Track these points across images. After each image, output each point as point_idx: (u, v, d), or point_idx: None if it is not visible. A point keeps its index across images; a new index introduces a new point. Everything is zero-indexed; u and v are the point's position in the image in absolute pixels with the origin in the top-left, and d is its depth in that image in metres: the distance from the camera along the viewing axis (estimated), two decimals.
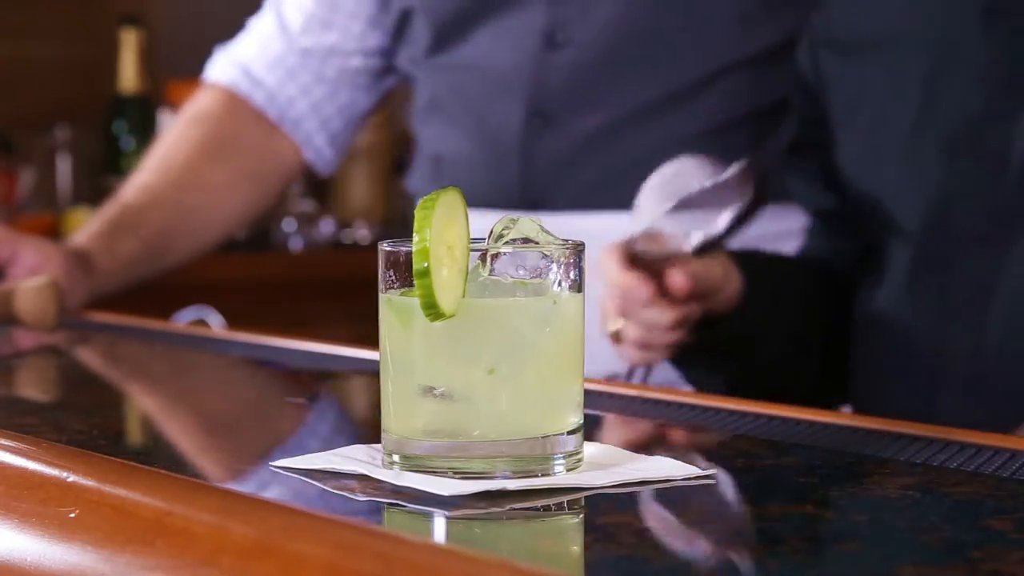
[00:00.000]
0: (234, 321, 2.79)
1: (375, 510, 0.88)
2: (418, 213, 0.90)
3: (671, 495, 0.91)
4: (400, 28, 1.90)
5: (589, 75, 1.76)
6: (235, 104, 1.97)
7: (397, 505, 0.88)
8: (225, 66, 1.98)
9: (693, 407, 1.19)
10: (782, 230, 1.69)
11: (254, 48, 1.98)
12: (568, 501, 0.89)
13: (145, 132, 3.12)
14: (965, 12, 1.38)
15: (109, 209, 1.91)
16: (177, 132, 1.97)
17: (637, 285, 1.39)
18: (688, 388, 1.55)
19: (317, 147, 1.98)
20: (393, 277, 0.93)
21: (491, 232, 0.93)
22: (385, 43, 1.94)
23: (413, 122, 1.95)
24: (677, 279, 1.39)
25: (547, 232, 0.94)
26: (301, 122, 1.97)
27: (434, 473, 0.91)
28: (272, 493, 0.91)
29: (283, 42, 1.96)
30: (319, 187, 3.28)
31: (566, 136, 1.76)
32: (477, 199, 1.78)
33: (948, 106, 1.38)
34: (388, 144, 3.36)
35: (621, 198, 1.68)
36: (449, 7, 1.83)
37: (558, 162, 1.76)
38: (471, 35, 1.82)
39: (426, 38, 1.85)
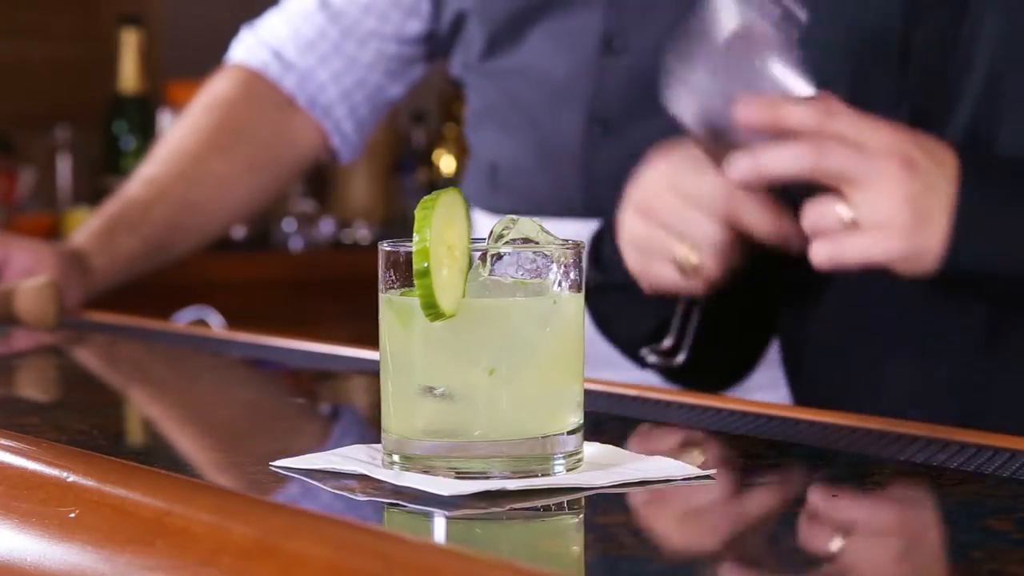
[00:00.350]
0: (234, 321, 2.79)
1: (375, 510, 0.88)
2: (418, 213, 0.90)
3: (671, 495, 0.91)
4: (454, 31, 1.88)
5: (648, 81, 1.72)
6: (255, 88, 1.94)
7: (397, 505, 0.88)
8: (254, 47, 1.95)
9: (693, 407, 1.19)
10: None
11: (286, 30, 1.94)
12: (568, 501, 0.89)
13: (145, 132, 3.13)
14: (876, 54, 1.35)
15: (111, 205, 1.88)
16: (190, 120, 1.94)
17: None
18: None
19: (344, 133, 1.96)
20: (393, 277, 0.93)
21: (491, 232, 0.93)
22: (422, 31, 1.92)
23: (466, 129, 1.93)
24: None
25: (547, 232, 0.94)
26: (331, 108, 1.94)
27: (434, 473, 0.91)
28: (272, 493, 0.91)
29: (321, 22, 1.93)
30: (319, 187, 3.28)
31: (627, 143, 1.72)
32: (537, 207, 1.74)
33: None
34: (388, 144, 3.37)
35: None
36: (504, 9, 1.80)
37: (620, 169, 1.72)
38: (526, 40, 1.79)
39: (480, 42, 1.83)
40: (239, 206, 1.96)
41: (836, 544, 0.82)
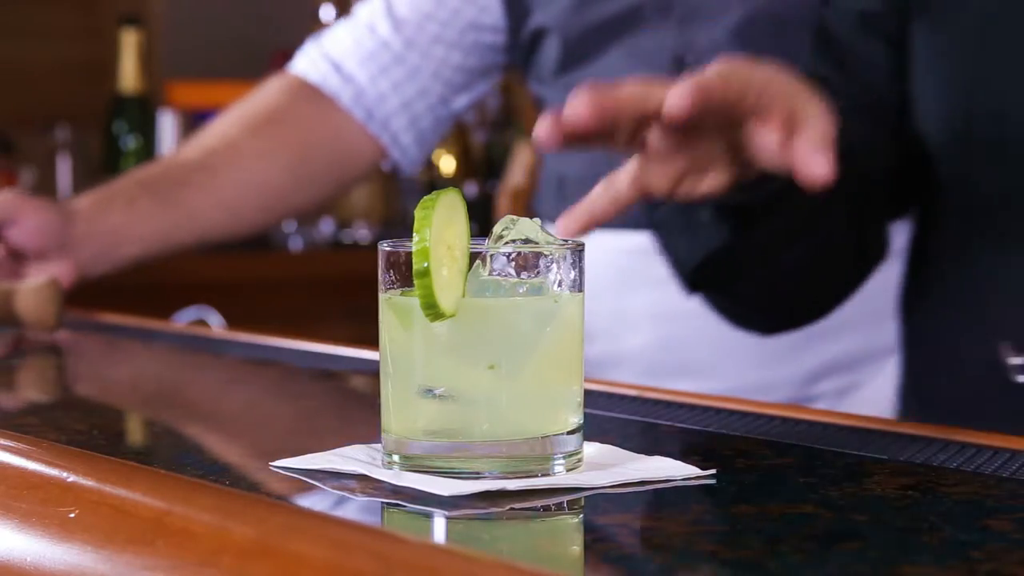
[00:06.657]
0: (234, 321, 2.79)
1: (375, 510, 0.88)
2: (418, 213, 0.90)
3: (671, 495, 0.91)
4: (532, 46, 1.86)
5: None
6: (304, 91, 1.92)
7: (397, 505, 0.88)
8: (316, 59, 1.93)
9: (693, 407, 1.19)
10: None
11: (349, 40, 1.92)
12: (568, 501, 0.89)
13: (145, 132, 3.13)
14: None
15: (136, 172, 1.87)
16: (229, 112, 1.93)
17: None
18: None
19: (403, 146, 1.93)
20: (393, 277, 0.93)
21: (491, 232, 0.94)
22: (490, 42, 1.90)
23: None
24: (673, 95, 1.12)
25: (547, 232, 0.94)
26: (389, 121, 1.92)
27: (434, 473, 0.91)
28: (272, 493, 0.91)
29: (385, 31, 1.91)
30: None
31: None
32: (611, 220, 1.74)
33: None
34: None
35: None
36: (580, 25, 1.80)
37: None
38: (602, 56, 1.79)
39: (556, 57, 1.83)
40: (256, 177, 1.89)
41: (835, 545, 0.82)
